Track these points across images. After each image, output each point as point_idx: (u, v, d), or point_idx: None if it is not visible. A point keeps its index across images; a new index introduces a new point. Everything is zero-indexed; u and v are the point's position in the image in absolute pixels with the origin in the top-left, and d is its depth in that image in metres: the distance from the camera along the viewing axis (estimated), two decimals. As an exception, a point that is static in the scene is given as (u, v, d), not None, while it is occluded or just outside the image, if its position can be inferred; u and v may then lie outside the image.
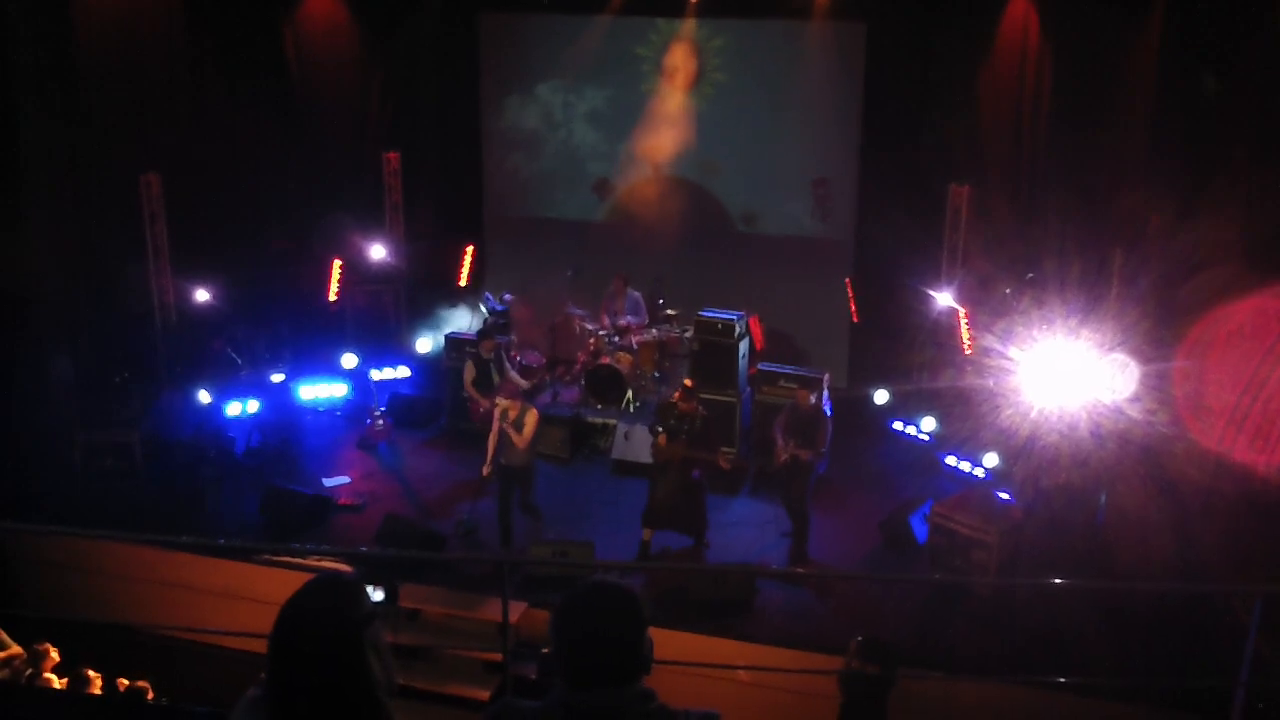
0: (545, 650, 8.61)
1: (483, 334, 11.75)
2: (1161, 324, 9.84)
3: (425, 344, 14.69)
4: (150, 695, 7.31)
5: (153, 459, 11.79)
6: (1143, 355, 9.38)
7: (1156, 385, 9.23)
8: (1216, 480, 8.68)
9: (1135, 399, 9.14)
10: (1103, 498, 9.86)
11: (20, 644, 7.93)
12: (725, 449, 9.90)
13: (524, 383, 11.62)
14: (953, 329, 12.62)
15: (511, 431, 9.86)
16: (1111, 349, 9.49)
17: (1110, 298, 10.66)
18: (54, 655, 7.73)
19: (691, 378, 11.04)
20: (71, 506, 10.99)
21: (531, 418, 9.95)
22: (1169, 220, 10.13)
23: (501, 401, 9.99)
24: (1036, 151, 12.35)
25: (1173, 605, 8.71)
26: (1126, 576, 8.88)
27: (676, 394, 10.28)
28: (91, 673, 7.42)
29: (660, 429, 10.17)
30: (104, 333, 12.42)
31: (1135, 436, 9.24)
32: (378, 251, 14.59)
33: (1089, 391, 9.46)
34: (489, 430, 10.16)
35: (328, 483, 11.52)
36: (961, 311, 12.43)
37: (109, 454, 11.65)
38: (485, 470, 10.20)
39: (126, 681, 7.46)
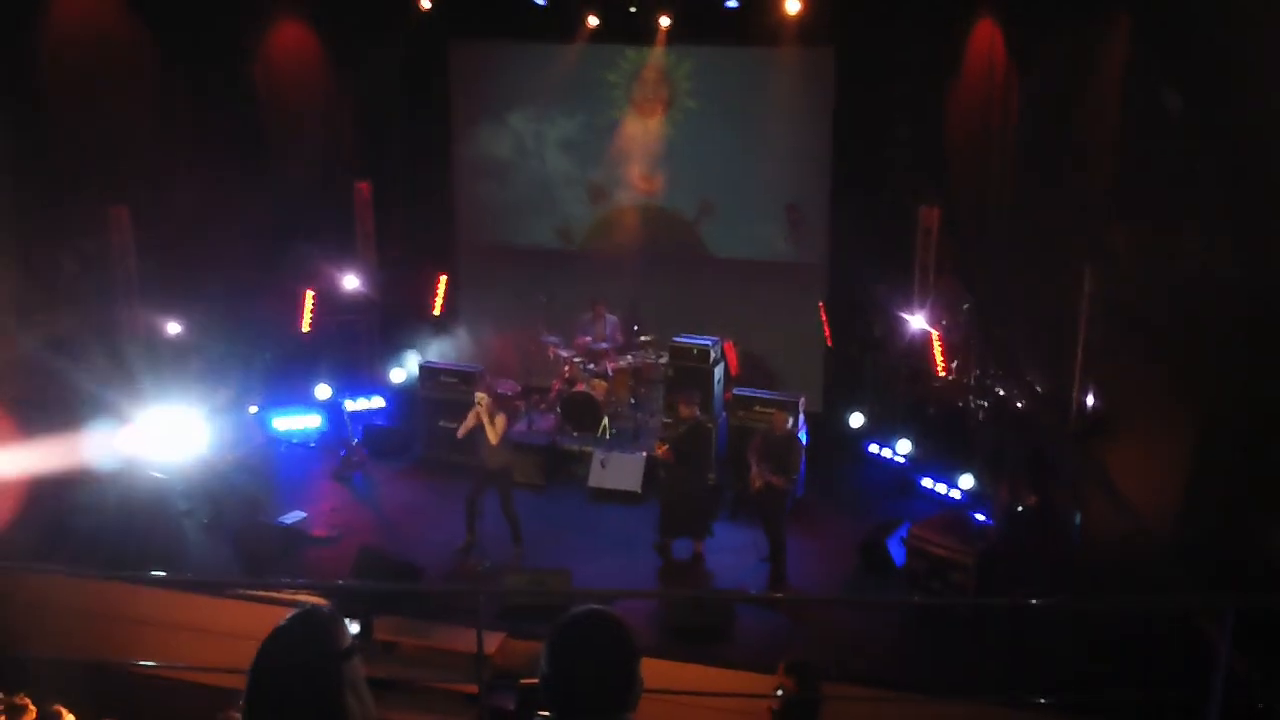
0: (524, 681, 8.56)
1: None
2: (1130, 346, 9.88)
3: (399, 374, 14.63)
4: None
5: (124, 493, 11.60)
6: (1108, 377, 9.43)
7: (1121, 408, 9.28)
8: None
9: (1099, 421, 9.18)
10: (1077, 518, 9.90)
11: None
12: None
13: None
14: (926, 350, 12.67)
15: (487, 423, 10.16)
16: (1078, 371, 9.55)
17: (1080, 319, 10.70)
18: (32, 708, 7.59)
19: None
20: (41, 543, 10.83)
21: (502, 417, 10.31)
22: (1139, 240, 10.19)
23: (481, 397, 10.28)
24: (1005, 172, 12.44)
25: (1148, 622, 8.73)
26: (1102, 595, 8.89)
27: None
28: (63, 709, 7.29)
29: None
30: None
31: (1102, 458, 9.28)
32: (350, 281, 14.53)
33: (1053, 413, 9.52)
34: None
35: (284, 519, 11.35)
36: (934, 333, 12.48)
37: (80, 489, 11.45)
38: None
39: (96, 724, 7.33)
